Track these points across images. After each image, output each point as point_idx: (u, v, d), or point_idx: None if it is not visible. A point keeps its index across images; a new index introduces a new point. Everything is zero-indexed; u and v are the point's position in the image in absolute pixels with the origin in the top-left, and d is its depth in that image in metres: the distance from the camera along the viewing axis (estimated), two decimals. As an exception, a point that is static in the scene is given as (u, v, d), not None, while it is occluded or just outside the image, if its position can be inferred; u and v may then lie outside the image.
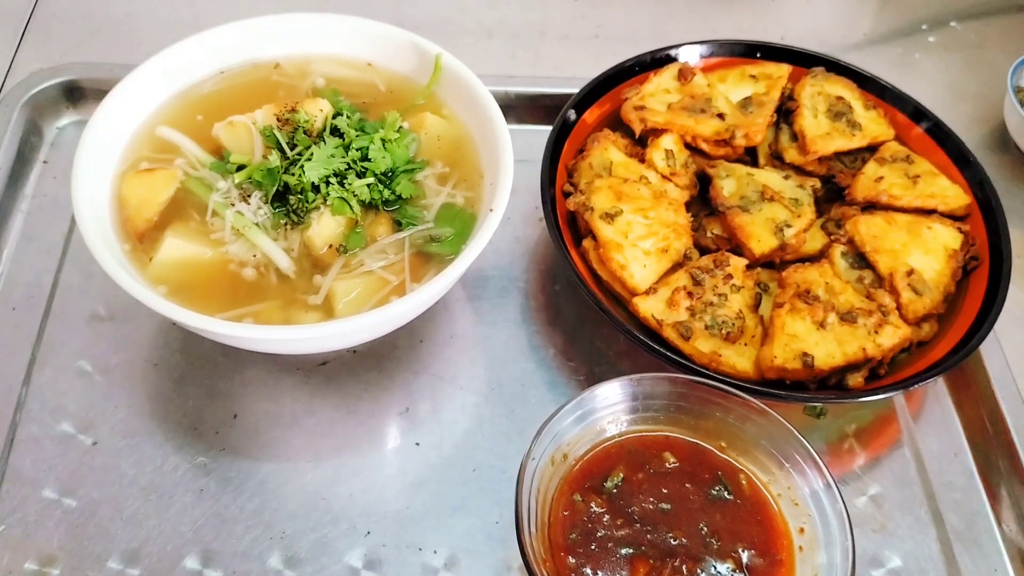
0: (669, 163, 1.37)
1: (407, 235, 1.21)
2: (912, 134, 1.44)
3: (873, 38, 1.86)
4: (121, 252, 1.16)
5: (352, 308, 1.15)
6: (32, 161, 1.48)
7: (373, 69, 1.37)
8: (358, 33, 1.36)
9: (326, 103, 1.28)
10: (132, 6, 1.74)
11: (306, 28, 1.36)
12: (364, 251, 1.20)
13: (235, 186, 1.21)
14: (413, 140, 1.29)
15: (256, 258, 1.19)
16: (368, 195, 1.21)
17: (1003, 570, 1.18)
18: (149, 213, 1.20)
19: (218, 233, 1.20)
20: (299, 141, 1.22)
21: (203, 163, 1.25)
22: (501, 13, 1.39)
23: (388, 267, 1.19)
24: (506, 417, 1.26)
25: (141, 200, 1.20)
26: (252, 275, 1.18)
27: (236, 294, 1.16)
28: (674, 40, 1.51)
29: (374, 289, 1.17)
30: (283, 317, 1.15)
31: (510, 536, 1.03)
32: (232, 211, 1.19)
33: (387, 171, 1.23)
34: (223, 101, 1.32)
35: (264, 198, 1.20)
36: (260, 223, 1.19)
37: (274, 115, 1.25)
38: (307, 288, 1.17)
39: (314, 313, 1.15)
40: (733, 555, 1.01)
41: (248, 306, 1.15)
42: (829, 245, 1.32)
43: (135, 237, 1.19)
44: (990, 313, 1.22)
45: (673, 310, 1.21)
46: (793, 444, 1.06)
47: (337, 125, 1.24)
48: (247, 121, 1.25)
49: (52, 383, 1.24)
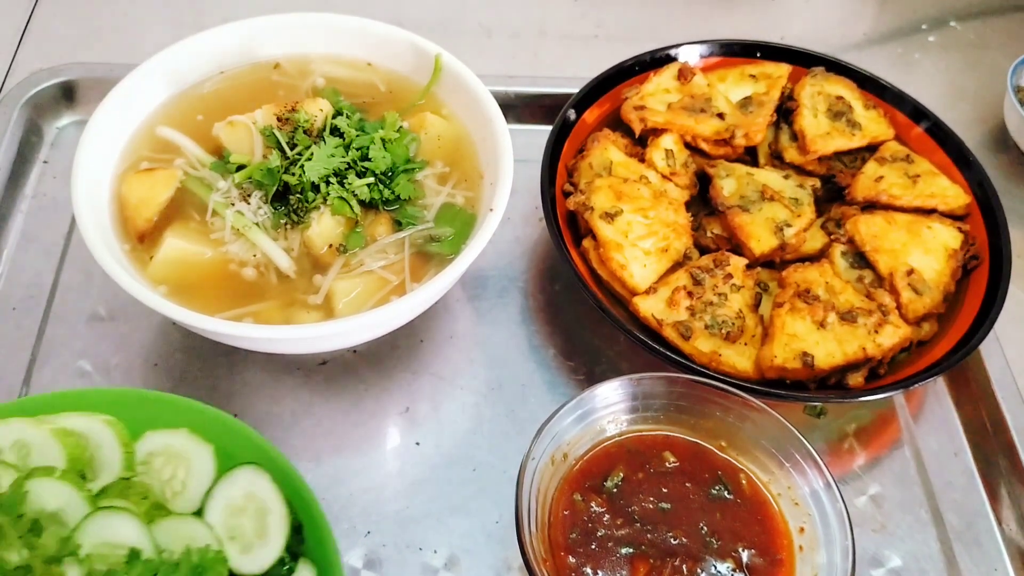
0: (669, 163, 1.37)
1: (407, 235, 1.21)
2: (912, 134, 1.44)
3: (873, 38, 1.86)
4: (121, 252, 1.16)
5: (352, 308, 1.15)
6: (32, 161, 1.48)
7: (373, 69, 1.37)
8: (358, 33, 1.36)
9: (326, 103, 1.28)
10: (132, 6, 1.74)
11: (306, 28, 1.37)
12: (364, 251, 1.20)
13: (235, 186, 1.21)
14: (413, 140, 1.28)
15: (256, 258, 1.18)
16: (368, 195, 1.21)
17: (1003, 570, 1.18)
18: (149, 213, 1.20)
19: (218, 233, 1.20)
20: (299, 141, 1.22)
21: (203, 163, 1.25)
22: (501, 13, 1.39)
23: (388, 267, 1.19)
24: (506, 417, 1.26)
25: (141, 200, 1.20)
26: (252, 275, 1.18)
27: (236, 294, 1.16)
28: (674, 40, 1.51)
29: (374, 289, 1.17)
30: (283, 317, 1.15)
31: (510, 536, 1.03)
32: (232, 211, 1.19)
33: (387, 171, 1.23)
34: (223, 101, 1.32)
35: (264, 198, 1.20)
36: (260, 223, 1.19)
37: (274, 115, 1.25)
38: (307, 288, 1.17)
39: (314, 313, 1.15)
40: (733, 554, 1.01)
41: (248, 306, 1.15)
42: (829, 245, 1.32)
43: (135, 237, 1.19)
44: (990, 313, 1.22)
45: (673, 310, 1.21)
46: (793, 444, 1.06)
47: (337, 125, 1.24)
48: (247, 121, 1.25)
49: (52, 383, 1.24)
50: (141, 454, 0.93)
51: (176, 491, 0.91)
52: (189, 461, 0.92)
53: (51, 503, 0.84)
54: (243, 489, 0.89)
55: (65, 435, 0.91)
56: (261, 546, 0.87)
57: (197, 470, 0.92)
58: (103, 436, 0.93)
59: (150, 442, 0.94)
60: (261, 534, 0.88)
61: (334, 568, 0.86)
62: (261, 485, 0.89)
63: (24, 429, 0.91)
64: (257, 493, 0.89)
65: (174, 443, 0.93)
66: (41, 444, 0.90)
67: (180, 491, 0.91)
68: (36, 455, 0.90)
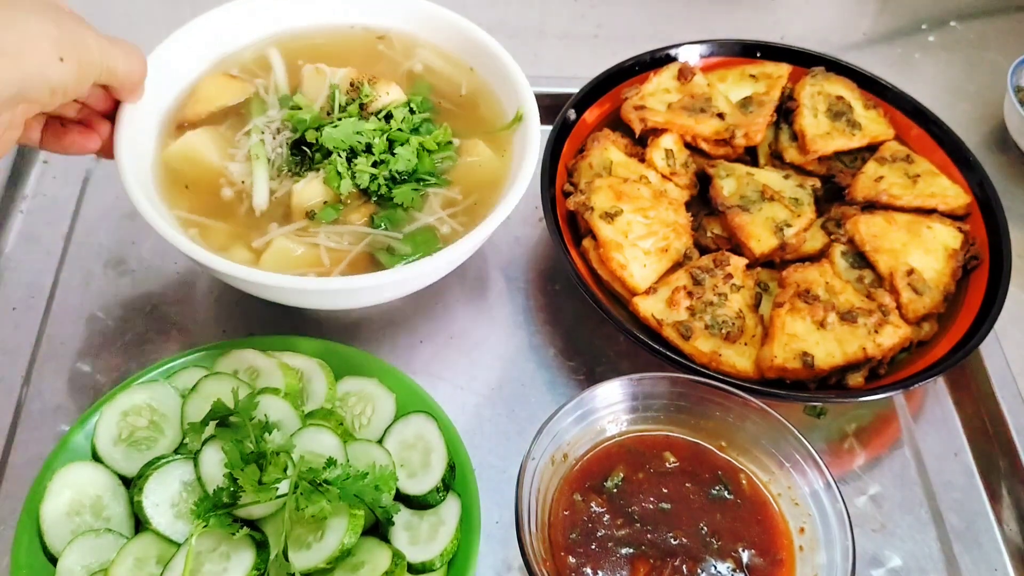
0: (669, 163, 1.37)
1: (371, 234, 1.22)
2: (912, 134, 1.44)
3: (873, 38, 1.86)
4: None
5: (272, 266, 1.17)
6: (32, 161, 1.48)
7: (473, 74, 1.36)
8: (463, 36, 1.36)
9: (396, 89, 1.30)
10: (132, 6, 1.74)
11: (414, 10, 1.39)
12: (327, 226, 1.21)
13: (282, 121, 1.28)
14: (449, 159, 1.28)
15: (243, 184, 1.24)
16: (366, 182, 1.22)
17: (1003, 570, 1.18)
18: (205, 108, 1.29)
19: (235, 150, 1.26)
20: (351, 111, 1.26)
21: (278, 91, 1.33)
22: (501, 13, 1.39)
23: (332, 251, 1.20)
24: (506, 417, 1.26)
25: (207, 95, 1.30)
26: (229, 195, 1.24)
27: (206, 203, 1.23)
28: (674, 40, 1.51)
29: (303, 262, 1.19)
30: (222, 243, 1.20)
31: (510, 536, 1.03)
32: (258, 137, 1.26)
33: (402, 173, 1.24)
34: (323, 53, 1.37)
35: (289, 140, 1.26)
36: (272, 159, 1.25)
37: (352, 79, 1.28)
38: (261, 230, 1.21)
39: (249, 254, 1.19)
40: (733, 555, 1.01)
41: (204, 217, 1.21)
42: (829, 245, 1.32)
43: (176, 124, 1.28)
44: (990, 313, 1.22)
45: (673, 310, 1.21)
46: (793, 444, 1.06)
47: (392, 112, 1.27)
48: (328, 73, 1.30)
49: (52, 383, 1.24)
50: (340, 392, 1.16)
51: (363, 424, 1.14)
52: (375, 403, 1.15)
53: (274, 415, 1.06)
54: (415, 430, 1.11)
55: (287, 368, 1.14)
56: (424, 475, 1.08)
57: (381, 410, 1.14)
58: (315, 373, 1.15)
59: (348, 384, 1.16)
60: (424, 466, 1.08)
61: (473, 502, 1.07)
62: (429, 429, 1.10)
63: (256, 358, 1.15)
64: (425, 435, 1.10)
65: (366, 388, 1.16)
66: (268, 371, 1.13)
67: (366, 424, 1.14)
68: (263, 379, 1.13)
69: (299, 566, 0.97)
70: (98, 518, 1.03)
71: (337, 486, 0.98)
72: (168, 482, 1.03)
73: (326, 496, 0.97)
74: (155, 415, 1.10)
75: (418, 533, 1.05)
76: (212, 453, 1.02)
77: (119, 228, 1.40)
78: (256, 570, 0.98)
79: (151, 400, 1.11)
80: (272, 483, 0.98)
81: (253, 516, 1.01)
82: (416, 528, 1.06)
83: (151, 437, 1.09)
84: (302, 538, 0.99)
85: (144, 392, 1.11)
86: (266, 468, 0.98)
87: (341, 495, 0.98)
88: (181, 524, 1.01)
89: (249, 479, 0.98)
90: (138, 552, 0.99)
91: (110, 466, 1.06)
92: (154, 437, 1.09)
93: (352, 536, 0.98)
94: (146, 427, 1.10)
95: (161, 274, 1.36)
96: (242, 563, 0.97)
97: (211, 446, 1.03)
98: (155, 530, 1.00)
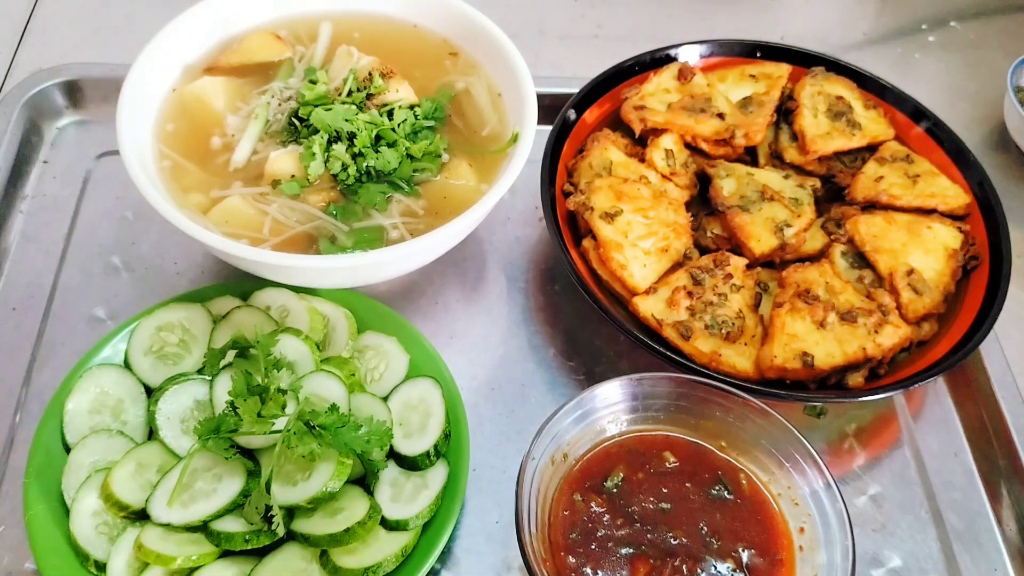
0: (669, 163, 1.37)
1: (319, 219, 1.22)
2: (912, 134, 1.44)
3: (873, 38, 1.86)
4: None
5: (216, 219, 1.20)
6: (32, 161, 1.48)
7: (501, 101, 1.36)
8: (503, 57, 1.36)
9: (408, 89, 1.32)
10: (132, 6, 1.74)
11: (471, 30, 1.40)
12: (283, 199, 1.23)
13: (296, 91, 1.31)
14: (429, 170, 1.28)
15: (233, 137, 1.28)
16: (337, 169, 1.23)
17: (1003, 570, 1.18)
18: (238, 59, 1.36)
19: (244, 104, 1.31)
20: (355, 98, 1.29)
21: (312, 62, 1.37)
22: (501, 13, 1.39)
23: (277, 223, 1.21)
24: (506, 417, 1.26)
25: (247, 48, 1.36)
26: (216, 145, 1.28)
27: (192, 145, 1.27)
28: (674, 40, 1.51)
29: (244, 225, 1.21)
30: (184, 184, 1.24)
31: (510, 536, 1.03)
32: (266, 98, 1.31)
33: (380, 171, 1.24)
34: (375, 44, 1.40)
35: (291, 111, 1.29)
36: (269, 121, 1.29)
37: (371, 69, 1.31)
38: (225, 185, 1.25)
39: (202, 200, 1.23)
40: (733, 555, 1.01)
41: (182, 157, 1.26)
42: (829, 245, 1.32)
43: (206, 67, 1.35)
44: (990, 313, 1.22)
45: (673, 310, 1.21)
46: (793, 444, 1.06)
47: (394, 111, 1.28)
48: (355, 56, 1.33)
49: (52, 383, 1.24)
50: (359, 344, 1.21)
51: (374, 379, 1.19)
52: (390, 360, 1.19)
53: (291, 354, 1.13)
54: (420, 393, 1.15)
55: (315, 312, 1.20)
56: (419, 437, 1.11)
57: (393, 368, 1.19)
58: (340, 322, 1.21)
59: (368, 339, 1.22)
60: (422, 429, 1.12)
61: (462, 473, 1.09)
62: (433, 394, 1.14)
63: (289, 298, 1.21)
64: (428, 399, 1.14)
65: (384, 345, 1.21)
66: (298, 312, 1.20)
67: (378, 380, 1.19)
68: (291, 318, 1.20)
69: (280, 500, 1.01)
70: (116, 419, 1.11)
71: (331, 432, 1.02)
72: (183, 399, 1.10)
73: (318, 440, 1.01)
74: (186, 334, 1.18)
75: (401, 491, 1.09)
76: (226, 380, 1.08)
77: (119, 228, 1.40)
78: (244, 495, 1.03)
79: (185, 320, 1.19)
80: (269, 417, 1.03)
81: (252, 446, 1.07)
82: (401, 486, 1.09)
83: (178, 354, 1.17)
84: (291, 475, 1.03)
85: (180, 311, 1.19)
86: (267, 403, 1.04)
87: (333, 441, 1.02)
88: (186, 440, 1.08)
89: (249, 410, 1.03)
90: (142, 458, 1.07)
91: (137, 374, 1.15)
92: (181, 354, 1.17)
93: (336, 482, 1.02)
94: (176, 344, 1.17)
95: (161, 274, 1.36)
96: (231, 486, 1.03)
97: (227, 373, 1.09)
98: (162, 440, 1.08)
